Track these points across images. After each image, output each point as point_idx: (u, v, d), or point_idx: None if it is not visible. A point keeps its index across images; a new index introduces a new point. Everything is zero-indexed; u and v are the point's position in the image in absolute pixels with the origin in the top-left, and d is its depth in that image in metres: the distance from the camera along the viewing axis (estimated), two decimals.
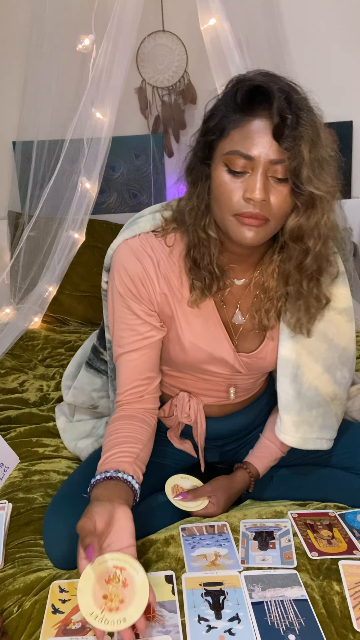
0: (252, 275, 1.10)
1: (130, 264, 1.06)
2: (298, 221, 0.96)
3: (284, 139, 0.89)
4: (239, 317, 1.13)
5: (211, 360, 1.13)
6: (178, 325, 1.10)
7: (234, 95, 0.92)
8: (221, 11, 1.71)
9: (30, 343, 2.09)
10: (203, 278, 1.04)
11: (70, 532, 1.06)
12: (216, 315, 1.11)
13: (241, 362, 1.15)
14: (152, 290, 1.07)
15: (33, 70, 2.13)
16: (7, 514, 1.18)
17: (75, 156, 1.86)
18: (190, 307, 1.08)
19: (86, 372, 1.40)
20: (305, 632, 0.86)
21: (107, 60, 1.74)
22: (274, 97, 0.89)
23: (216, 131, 0.95)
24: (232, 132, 0.92)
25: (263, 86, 0.90)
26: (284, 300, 1.08)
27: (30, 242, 2.03)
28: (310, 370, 1.15)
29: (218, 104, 0.96)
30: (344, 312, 1.15)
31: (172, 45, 2.27)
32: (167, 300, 1.08)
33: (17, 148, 2.31)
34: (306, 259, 1.00)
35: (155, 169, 2.38)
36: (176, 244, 1.07)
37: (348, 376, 1.20)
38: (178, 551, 1.03)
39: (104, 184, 2.29)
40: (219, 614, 0.89)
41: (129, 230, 1.09)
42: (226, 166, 0.93)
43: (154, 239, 1.07)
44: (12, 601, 0.97)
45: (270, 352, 1.16)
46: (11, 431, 1.50)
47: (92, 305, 2.23)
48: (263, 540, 1.05)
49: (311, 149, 0.90)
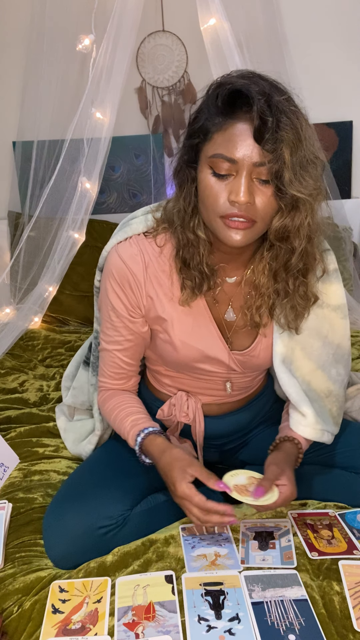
0: (243, 273, 1.11)
1: (120, 270, 1.09)
2: (283, 222, 0.97)
3: (265, 142, 0.90)
4: (231, 315, 1.13)
5: (204, 359, 1.14)
6: (169, 325, 1.11)
7: (216, 98, 0.93)
8: (221, 11, 1.71)
9: (30, 343, 2.09)
10: (193, 277, 1.05)
11: (70, 531, 1.07)
12: (208, 313, 1.11)
13: (235, 360, 1.15)
14: (139, 294, 1.09)
15: (33, 70, 2.13)
16: (7, 514, 1.18)
17: (75, 156, 1.86)
18: (182, 305, 1.09)
19: (84, 370, 1.41)
20: (305, 632, 0.86)
21: (107, 60, 1.74)
22: (254, 101, 0.89)
23: (200, 134, 0.96)
24: (215, 135, 0.93)
25: (242, 90, 0.90)
26: (274, 296, 1.09)
27: (30, 242, 2.03)
28: (303, 366, 1.15)
29: (201, 107, 0.97)
30: (337, 309, 1.15)
31: (172, 45, 2.27)
32: (157, 302, 1.10)
33: (17, 148, 2.30)
34: (292, 258, 1.02)
35: (155, 169, 2.38)
36: (167, 244, 1.08)
37: (344, 373, 1.20)
38: (178, 551, 1.03)
39: (104, 184, 2.29)
40: (219, 614, 0.89)
41: (122, 232, 1.11)
42: (211, 169, 0.94)
43: (144, 241, 1.09)
44: (12, 601, 0.97)
45: (263, 350, 1.16)
46: (11, 431, 1.50)
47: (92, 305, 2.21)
48: (263, 540, 1.05)
49: (292, 152, 0.91)
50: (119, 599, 0.94)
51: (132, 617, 0.90)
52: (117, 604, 0.93)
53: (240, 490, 1.00)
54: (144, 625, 0.88)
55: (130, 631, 0.88)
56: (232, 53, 1.73)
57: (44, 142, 2.14)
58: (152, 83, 2.31)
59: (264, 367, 1.21)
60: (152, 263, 1.08)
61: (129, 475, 1.17)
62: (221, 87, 0.94)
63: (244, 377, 1.21)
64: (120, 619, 0.90)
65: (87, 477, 1.19)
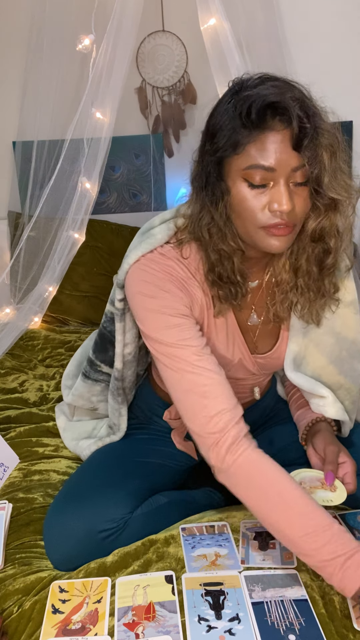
0: (263, 276, 1.11)
1: (155, 276, 1.01)
2: (320, 223, 0.97)
3: (304, 149, 0.90)
4: (254, 318, 1.13)
5: (230, 367, 1.13)
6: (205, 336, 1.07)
7: (247, 113, 0.89)
8: (221, 11, 1.71)
9: (30, 343, 2.09)
10: (228, 289, 1.03)
11: (71, 535, 1.07)
12: (234, 321, 1.11)
13: (256, 364, 1.15)
14: (187, 294, 1.03)
15: (33, 70, 2.13)
16: (7, 514, 1.18)
17: (75, 156, 1.86)
18: (216, 317, 1.08)
19: (83, 382, 1.38)
20: (305, 632, 0.86)
21: (107, 60, 1.74)
22: (292, 111, 0.88)
23: (228, 148, 0.92)
24: (247, 147, 0.90)
25: (278, 102, 0.88)
26: (295, 291, 1.08)
27: (30, 242, 2.03)
28: (315, 361, 1.16)
29: (222, 120, 0.93)
30: (350, 304, 1.15)
31: (172, 45, 2.27)
32: (194, 312, 1.05)
33: (17, 148, 2.31)
34: (328, 258, 1.02)
35: (155, 169, 2.38)
36: (192, 254, 1.05)
37: (359, 368, 1.20)
38: (178, 551, 1.03)
39: (104, 184, 2.29)
40: (219, 614, 0.89)
41: (146, 243, 1.04)
42: (246, 181, 0.92)
43: (172, 252, 1.04)
44: (12, 601, 0.97)
45: (284, 351, 1.17)
46: (11, 431, 1.50)
47: (92, 305, 2.23)
48: (263, 540, 1.05)
49: (331, 156, 0.91)
50: (119, 599, 0.94)
51: (132, 617, 0.90)
52: (117, 604, 0.93)
53: (305, 489, 0.99)
54: (144, 626, 0.88)
55: (130, 631, 0.88)
56: (232, 53, 1.73)
57: (44, 142, 2.14)
58: (152, 83, 2.31)
59: (280, 367, 1.22)
60: (182, 277, 1.04)
61: (129, 477, 1.17)
62: (247, 101, 0.89)
63: (259, 378, 1.21)
64: (120, 619, 0.90)
65: (88, 479, 1.19)
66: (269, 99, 0.88)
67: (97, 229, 2.24)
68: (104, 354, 1.29)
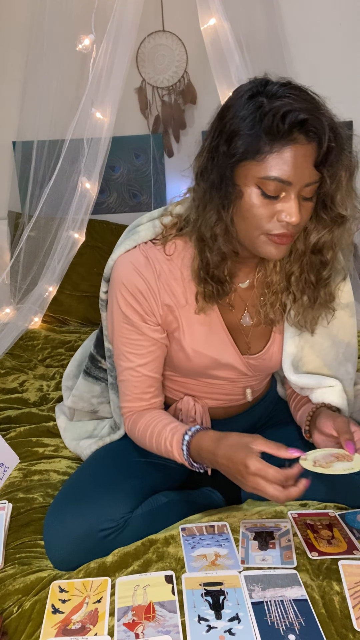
0: (254, 276, 1.11)
1: (132, 280, 1.06)
2: (322, 237, 0.99)
3: (327, 167, 0.91)
4: (247, 319, 1.14)
5: (217, 366, 1.14)
6: (180, 334, 1.10)
7: (276, 122, 0.87)
8: (221, 11, 1.71)
9: (30, 343, 2.09)
10: (215, 288, 1.04)
11: (71, 534, 1.07)
12: (220, 320, 1.11)
13: (247, 365, 1.15)
14: (155, 303, 1.07)
15: (33, 70, 2.13)
16: (7, 514, 1.18)
17: (75, 156, 1.86)
18: (198, 313, 1.08)
19: (84, 380, 1.39)
20: (305, 632, 0.86)
21: (107, 60, 1.74)
22: (324, 131, 0.89)
23: (247, 153, 0.91)
24: (268, 157, 0.89)
25: (312, 118, 0.87)
26: (286, 294, 1.09)
27: (30, 242, 2.03)
28: (310, 362, 1.17)
29: (243, 125, 0.90)
30: (346, 307, 1.16)
31: (172, 45, 2.27)
32: (170, 310, 1.09)
33: (17, 148, 2.31)
34: (324, 269, 1.04)
35: (155, 169, 2.38)
36: (176, 251, 1.07)
37: (352, 371, 1.21)
38: (178, 551, 1.03)
39: (104, 184, 2.29)
40: (219, 614, 0.89)
41: (129, 240, 1.09)
42: (260, 189, 0.92)
43: (154, 249, 1.07)
44: (12, 601, 0.97)
45: (275, 353, 1.17)
46: (11, 431, 1.50)
47: (92, 305, 2.23)
48: (263, 540, 1.05)
49: (350, 176, 0.93)
50: (118, 599, 0.94)
51: (132, 617, 0.90)
52: (117, 604, 0.93)
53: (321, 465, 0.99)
54: (144, 625, 0.88)
55: (130, 631, 0.88)
56: (232, 53, 1.74)
57: (44, 142, 2.15)
58: (152, 83, 2.31)
59: (274, 369, 1.22)
60: (163, 271, 1.06)
61: (129, 477, 1.17)
62: (276, 111, 0.87)
63: (253, 380, 1.21)
64: (120, 619, 0.90)
65: (88, 478, 1.19)
66: (303, 115, 0.87)
67: (97, 229, 2.24)
68: (102, 348, 1.31)
